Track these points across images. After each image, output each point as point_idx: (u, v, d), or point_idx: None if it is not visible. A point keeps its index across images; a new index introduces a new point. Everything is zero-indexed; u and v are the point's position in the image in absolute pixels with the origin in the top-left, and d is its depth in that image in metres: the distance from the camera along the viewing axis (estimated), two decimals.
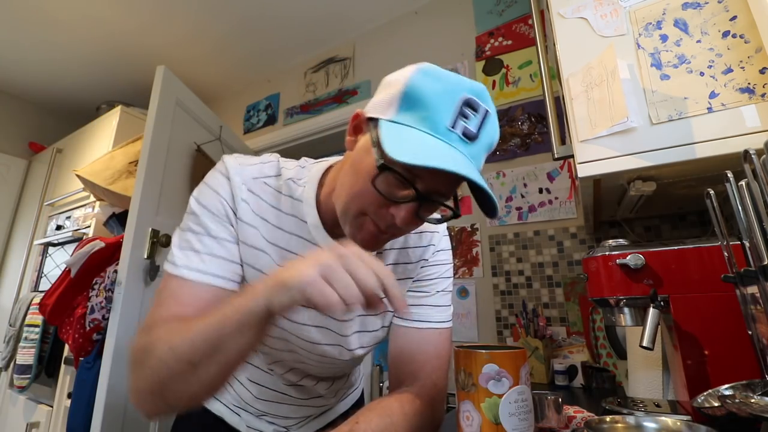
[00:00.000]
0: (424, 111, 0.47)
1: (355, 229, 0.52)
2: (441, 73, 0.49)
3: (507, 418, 0.48)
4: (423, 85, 0.47)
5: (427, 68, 0.49)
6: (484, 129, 0.48)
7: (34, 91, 2.92)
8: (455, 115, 0.46)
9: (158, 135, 1.61)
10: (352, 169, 0.52)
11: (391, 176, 0.47)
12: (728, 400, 0.46)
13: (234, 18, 2.17)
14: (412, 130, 0.47)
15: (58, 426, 1.85)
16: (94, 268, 1.62)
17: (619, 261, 0.74)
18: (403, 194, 0.48)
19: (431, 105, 0.46)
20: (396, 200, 0.48)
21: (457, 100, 0.47)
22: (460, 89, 0.47)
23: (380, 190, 0.48)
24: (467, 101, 0.47)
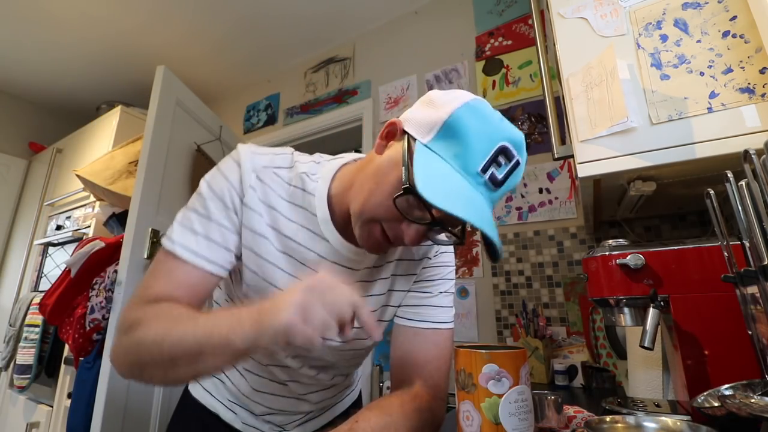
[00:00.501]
0: (461, 148, 0.48)
1: (365, 233, 0.54)
2: (487, 113, 0.50)
3: (507, 418, 0.48)
4: (467, 121, 0.49)
5: (476, 104, 0.50)
6: (511, 177, 0.50)
7: (34, 91, 2.92)
8: (489, 160, 0.48)
9: (158, 135, 1.61)
10: (375, 176, 0.54)
11: (413, 199, 0.49)
12: (728, 400, 0.46)
13: (234, 18, 2.17)
14: (445, 164, 0.49)
15: (58, 426, 1.85)
16: (94, 268, 1.62)
17: (619, 261, 0.74)
18: (418, 216, 0.51)
19: (469, 144, 0.48)
20: (411, 219, 0.50)
21: (494, 146, 0.48)
22: (500, 136, 0.49)
23: (399, 208, 0.49)
24: (504, 149, 0.48)
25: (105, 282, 1.58)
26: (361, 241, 0.55)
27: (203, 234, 0.56)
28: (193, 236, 0.56)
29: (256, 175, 0.60)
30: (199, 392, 0.76)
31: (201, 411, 0.75)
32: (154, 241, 1.53)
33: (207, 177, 0.61)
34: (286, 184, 0.61)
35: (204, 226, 0.57)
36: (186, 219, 0.58)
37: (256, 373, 0.70)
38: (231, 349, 0.44)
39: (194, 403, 0.76)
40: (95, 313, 1.54)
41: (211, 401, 0.74)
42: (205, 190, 0.59)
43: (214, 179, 0.60)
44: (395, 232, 0.52)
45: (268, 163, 0.61)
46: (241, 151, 0.61)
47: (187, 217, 0.58)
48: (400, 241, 0.52)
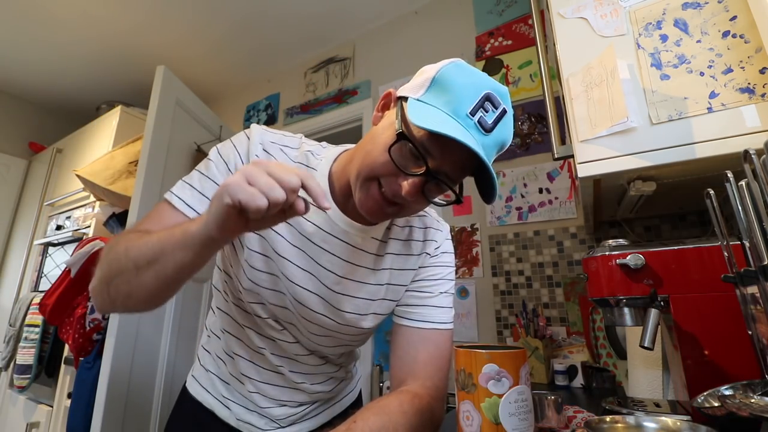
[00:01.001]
0: (450, 96, 0.51)
1: (364, 193, 0.55)
2: (472, 69, 0.54)
3: (507, 418, 0.48)
4: (453, 74, 0.52)
5: (461, 63, 0.54)
6: (500, 125, 0.52)
7: (34, 91, 2.92)
8: (476, 105, 0.50)
9: (158, 135, 1.61)
10: (371, 139, 0.57)
11: (406, 147, 0.52)
12: (728, 400, 0.46)
13: (234, 18, 2.17)
14: (436, 109, 0.51)
15: (58, 426, 1.85)
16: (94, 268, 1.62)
17: (619, 261, 0.74)
18: (414, 168, 0.52)
19: (457, 92, 0.51)
20: (407, 171, 0.52)
21: (480, 94, 0.51)
22: (485, 85, 0.52)
23: (394, 159, 0.52)
24: (489, 96, 0.51)
25: None
26: (360, 205, 0.56)
27: (199, 189, 0.61)
28: (189, 190, 0.61)
29: (263, 147, 0.64)
30: (195, 389, 0.77)
31: (197, 408, 0.75)
32: None
33: (218, 144, 0.65)
34: (291, 161, 0.65)
35: (201, 183, 0.61)
36: (189, 177, 0.63)
37: (248, 359, 0.71)
38: (189, 238, 0.47)
39: (191, 399, 0.76)
40: (95, 313, 1.54)
41: (207, 398, 0.75)
42: (213, 155, 0.64)
43: (223, 146, 0.64)
44: (392, 188, 0.53)
45: (277, 141, 0.66)
46: (253, 127, 0.66)
47: (190, 175, 0.63)
48: (398, 197, 0.53)
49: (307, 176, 0.44)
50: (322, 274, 0.64)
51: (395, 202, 0.54)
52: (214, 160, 0.63)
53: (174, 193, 0.61)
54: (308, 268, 0.64)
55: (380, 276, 0.67)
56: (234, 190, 0.41)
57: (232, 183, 0.42)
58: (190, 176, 0.63)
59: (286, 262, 0.63)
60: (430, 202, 0.56)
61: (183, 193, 0.60)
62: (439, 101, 0.51)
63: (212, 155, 0.64)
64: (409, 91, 0.55)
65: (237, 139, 0.65)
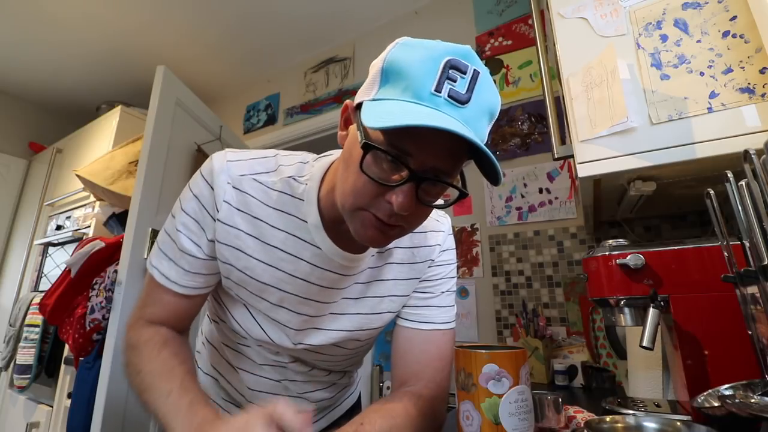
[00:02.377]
0: (405, 81, 0.43)
1: (358, 224, 0.48)
2: (420, 42, 0.45)
3: (507, 418, 0.48)
4: (401, 57, 0.44)
5: (406, 40, 0.46)
6: (477, 91, 0.43)
7: (34, 91, 2.92)
8: (439, 79, 0.42)
9: (158, 135, 1.61)
10: (344, 163, 0.49)
11: (380, 157, 0.43)
12: (728, 400, 0.46)
13: (234, 18, 2.17)
14: (393, 101, 0.43)
15: (58, 426, 1.85)
16: (94, 268, 1.62)
17: (619, 261, 0.74)
18: (396, 177, 0.44)
19: (411, 74, 0.42)
20: (389, 184, 0.44)
21: (439, 65, 0.42)
22: (441, 53, 0.43)
23: (371, 176, 0.44)
24: (451, 63, 0.42)
25: (105, 282, 1.58)
26: (359, 238, 0.49)
27: (174, 261, 0.59)
28: (166, 262, 0.59)
29: (233, 185, 0.56)
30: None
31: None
32: (154, 241, 1.53)
33: (181, 196, 0.60)
34: (270, 190, 0.57)
35: (174, 254, 0.59)
36: (162, 242, 0.60)
37: (251, 372, 0.69)
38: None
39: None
40: (95, 313, 1.54)
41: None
42: (178, 215, 0.59)
43: (187, 202, 0.58)
44: (383, 209, 0.45)
45: (247, 171, 0.57)
46: (215, 161, 0.57)
47: (163, 240, 0.60)
48: (396, 217, 0.46)
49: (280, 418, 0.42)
50: (321, 308, 0.62)
51: (392, 223, 0.47)
52: (179, 220, 0.58)
53: (155, 267, 0.60)
54: (307, 311, 0.61)
55: (381, 287, 0.64)
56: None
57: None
58: (163, 240, 0.60)
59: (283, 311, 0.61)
60: (432, 207, 0.48)
61: (161, 267, 0.59)
62: (396, 91, 0.43)
63: (178, 216, 0.59)
64: (363, 94, 0.47)
65: (196, 185, 0.58)
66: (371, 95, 0.46)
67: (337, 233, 0.56)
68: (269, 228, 0.57)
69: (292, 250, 0.58)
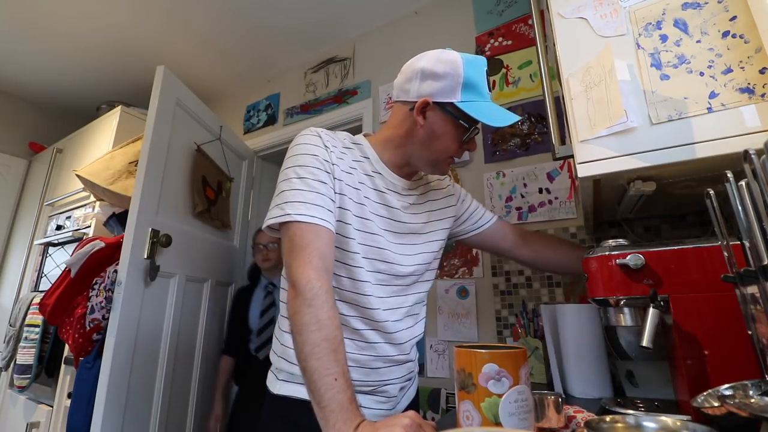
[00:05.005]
0: (478, 89, 0.77)
1: (444, 166, 0.84)
2: (473, 60, 0.78)
3: (507, 418, 0.48)
4: (472, 74, 0.76)
5: (467, 60, 0.77)
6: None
7: (34, 91, 2.92)
8: (486, 82, 0.79)
9: (158, 135, 1.61)
10: (433, 136, 0.80)
11: (467, 130, 0.79)
12: (728, 400, 0.46)
13: (234, 18, 2.17)
14: (483, 102, 0.77)
15: (58, 426, 1.85)
16: (94, 268, 1.62)
17: (619, 261, 0.74)
18: (470, 138, 0.82)
19: (480, 86, 0.77)
20: (469, 140, 0.82)
21: (484, 75, 0.79)
22: (482, 66, 0.79)
23: (464, 140, 0.81)
24: (486, 72, 0.80)
25: (105, 282, 1.58)
26: (441, 172, 0.87)
27: (321, 204, 0.74)
28: (314, 209, 0.72)
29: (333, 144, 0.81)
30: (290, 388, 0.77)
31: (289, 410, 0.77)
32: (154, 241, 1.53)
33: (297, 155, 0.78)
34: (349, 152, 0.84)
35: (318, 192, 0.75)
36: (299, 195, 0.73)
37: (358, 316, 0.80)
38: (320, 412, 0.58)
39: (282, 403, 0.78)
40: (95, 313, 1.54)
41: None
42: (305, 162, 0.77)
43: (305, 154, 0.78)
44: (460, 155, 0.84)
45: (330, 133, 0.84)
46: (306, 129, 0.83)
47: (298, 193, 0.73)
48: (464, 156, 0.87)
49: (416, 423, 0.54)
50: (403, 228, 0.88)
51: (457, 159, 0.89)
52: (310, 165, 0.75)
53: (307, 215, 0.70)
54: (396, 228, 0.86)
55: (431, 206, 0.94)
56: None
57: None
58: (301, 194, 0.72)
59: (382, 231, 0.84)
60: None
61: (309, 211, 0.71)
62: (474, 95, 0.76)
63: (302, 162, 0.76)
64: (444, 97, 0.76)
65: (310, 140, 0.80)
66: (457, 98, 0.76)
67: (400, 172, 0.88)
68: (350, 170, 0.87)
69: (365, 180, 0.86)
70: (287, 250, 0.70)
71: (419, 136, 0.80)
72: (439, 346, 1.56)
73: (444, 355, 1.54)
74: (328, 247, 0.71)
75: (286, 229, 0.71)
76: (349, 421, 0.55)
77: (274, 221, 0.72)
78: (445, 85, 0.75)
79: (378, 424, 0.54)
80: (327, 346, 0.61)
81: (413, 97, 0.79)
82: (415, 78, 0.79)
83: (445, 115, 0.77)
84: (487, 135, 1.65)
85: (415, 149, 0.82)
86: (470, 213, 1.03)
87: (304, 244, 0.68)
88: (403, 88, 0.82)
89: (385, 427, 0.52)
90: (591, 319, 1.03)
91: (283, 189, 0.74)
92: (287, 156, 0.79)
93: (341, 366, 0.60)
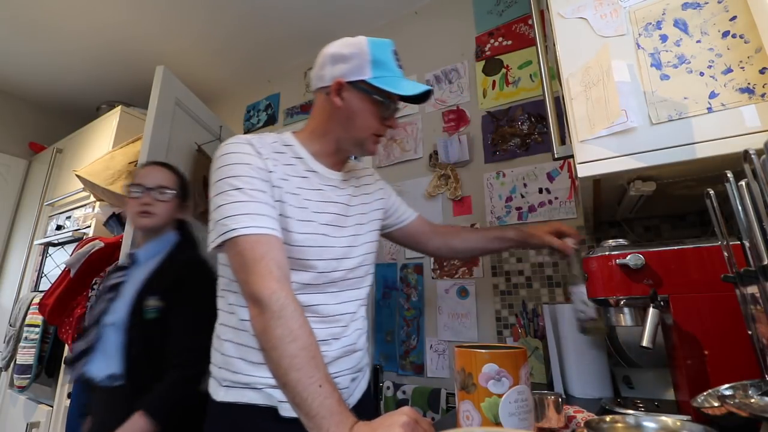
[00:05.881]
0: (387, 66, 0.81)
1: (370, 144, 0.86)
2: (378, 41, 0.82)
3: (507, 418, 0.48)
4: (378, 52, 0.81)
5: (371, 41, 0.82)
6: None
7: (34, 91, 2.92)
8: (394, 60, 0.83)
9: (158, 135, 1.61)
10: (352, 115, 0.82)
11: (385, 104, 0.82)
12: (728, 400, 0.46)
13: (234, 18, 2.17)
14: (390, 77, 0.80)
15: (58, 426, 1.85)
16: (93, 268, 1.62)
17: (619, 261, 0.74)
18: (390, 113, 0.85)
19: (388, 63, 0.81)
20: (389, 117, 0.85)
21: (391, 53, 0.83)
22: (387, 46, 0.83)
23: (384, 116, 0.84)
24: (393, 51, 0.84)
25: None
26: (367, 151, 0.87)
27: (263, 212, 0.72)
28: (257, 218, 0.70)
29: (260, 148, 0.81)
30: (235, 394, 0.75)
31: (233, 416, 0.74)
32: None
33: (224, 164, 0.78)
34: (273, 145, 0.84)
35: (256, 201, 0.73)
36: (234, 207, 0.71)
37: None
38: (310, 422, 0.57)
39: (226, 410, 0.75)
40: None
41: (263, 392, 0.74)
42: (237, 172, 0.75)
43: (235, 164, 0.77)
44: (385, 131, 0.86)
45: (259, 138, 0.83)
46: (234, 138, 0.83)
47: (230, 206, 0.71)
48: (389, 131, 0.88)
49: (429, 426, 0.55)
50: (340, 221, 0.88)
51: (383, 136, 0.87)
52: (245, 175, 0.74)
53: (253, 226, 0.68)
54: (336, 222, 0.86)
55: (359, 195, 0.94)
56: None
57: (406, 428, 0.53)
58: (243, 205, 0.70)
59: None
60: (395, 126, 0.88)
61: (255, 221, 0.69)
62: (385, 71, 0.80)
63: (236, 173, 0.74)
64: (356, 76, 0.79)
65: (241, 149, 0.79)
66: (369, 75, 0.79)
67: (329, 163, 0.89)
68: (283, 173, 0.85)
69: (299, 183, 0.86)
70: (238, 266, 0.67)
71: (340, 117, 0.83)
72: (439, 346, 1.56)
73: (444, 355, 1.54)
74: (282, 255, 0.69)
75: (233, 245, 0.68)
76: (342, 423, 0.54)
77: (220, 239, 0.68)
78: (354, 65, 0.79)
79: (374, 424, 0.54)
80: (305, 355, 0.60)
81: (328, 81, 0.81)
82: (326, 64, 0.82)
83: (359, 92, 0.80)
84: (487, 135, 1.65)
85: (340, 132, 0.84)
86: (396, 207, 1.06)
87: (258, 257, 0.66)
88: (318, 75, 0.84)
89: (383, 428, 0.52)
90: None
91: (221, 203, 0.71)
92: (216, 167, 0.76)
93: (322, 371, 0.59)
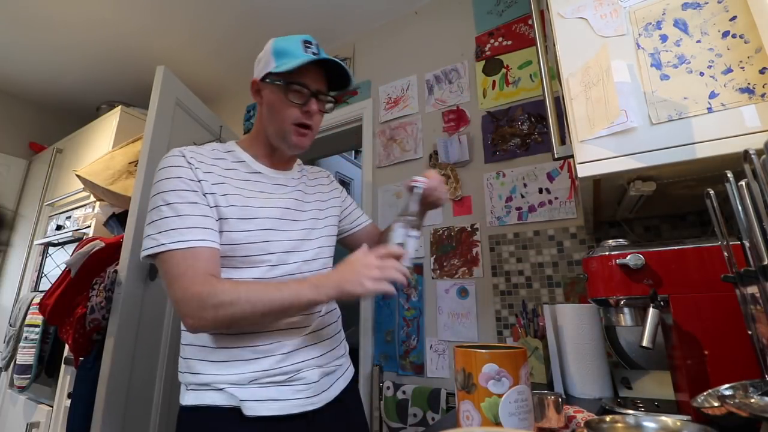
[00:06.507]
0: (289, 52, 0.82)
1: (294, 136, 0.85)
2: (286, 37, 0.85)
3: (507, 418, 0.48)
4: (281, 44, 0.84)
5: (277, 39, 0.85)
6: (321, 51, 0.86)
7: (34, 91, 2.92)
8: (302, 48, 0.83)
9: (158, 135, 1.61)
10: (269, 111, 0.86)
11: (296, 90, 0.82)
12: (728, 400, 0.46)
13: (234, 18, 2.17)
14: (291, 60, 0.81)
15: (58, 426, 1.85)
16: (94, 268, 1.62)
17: (619, 261, 0.74)
18: (304, 98, 0.83)
19: (290, 49, 0.82)
20: (305, 103, 0.83)
21: (299, 43, 0.83)
22: (297, 38, 0.84)
23: (294, 101, 0.82)
24: (304, 41, 0.84)
25: (105, 282, 1.58)
26: (291, 144, 0.85)
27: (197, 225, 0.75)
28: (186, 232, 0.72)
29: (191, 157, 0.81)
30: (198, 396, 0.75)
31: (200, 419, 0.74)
32: None
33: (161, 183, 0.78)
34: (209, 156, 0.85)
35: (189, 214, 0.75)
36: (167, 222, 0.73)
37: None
38: (313, 305, 0.71)
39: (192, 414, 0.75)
40: (95, 313, 1.54)
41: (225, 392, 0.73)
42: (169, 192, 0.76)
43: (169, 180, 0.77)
44: (304, 118, 0.84)
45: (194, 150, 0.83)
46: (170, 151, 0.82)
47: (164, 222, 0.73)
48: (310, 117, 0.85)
49: (399, 252, 0.74)
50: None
51: (309, 125, 0.85)
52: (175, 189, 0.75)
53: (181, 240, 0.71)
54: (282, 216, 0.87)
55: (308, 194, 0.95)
56: (374, 290, 0.68)
57: (367, 274, 0.69)
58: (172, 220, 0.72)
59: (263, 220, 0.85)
60: (324, 112, 0.89)
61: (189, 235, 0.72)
62: (287, 57, 0.81)
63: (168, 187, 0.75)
64: (264, 69, 0.84)
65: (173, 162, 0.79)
66: (274, 66, 0.82)
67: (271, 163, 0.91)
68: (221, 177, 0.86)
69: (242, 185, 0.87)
70: (168, 281, 0.70)
71: (264, 115, 0.87)
72: (439, 346, 1.56)
73: (444, 355, 1.54)
74: (210, 265, 0.71)
75: (162, 260, 0.71)
76: (310, 284, 0.70)
77: (149, 252, 0.71)
78: (263, 63, 0.85)
79: (343, 269, 0.71)
80: (257, 287, 0.70)
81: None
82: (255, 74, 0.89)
83: (270, 85, 0.84)
84: (487, 135, 1.65)
85: (268, 129, 0.87)
86: (350, 211, 1.06)
87: (181, 272, 0.69)
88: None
89: (352, 275, 0.69)
90: (591, 319, 1.03)
91: (153, 219, 0.73)
92: (153, 182, 0.78)
93: (277, 283, 0.71)
